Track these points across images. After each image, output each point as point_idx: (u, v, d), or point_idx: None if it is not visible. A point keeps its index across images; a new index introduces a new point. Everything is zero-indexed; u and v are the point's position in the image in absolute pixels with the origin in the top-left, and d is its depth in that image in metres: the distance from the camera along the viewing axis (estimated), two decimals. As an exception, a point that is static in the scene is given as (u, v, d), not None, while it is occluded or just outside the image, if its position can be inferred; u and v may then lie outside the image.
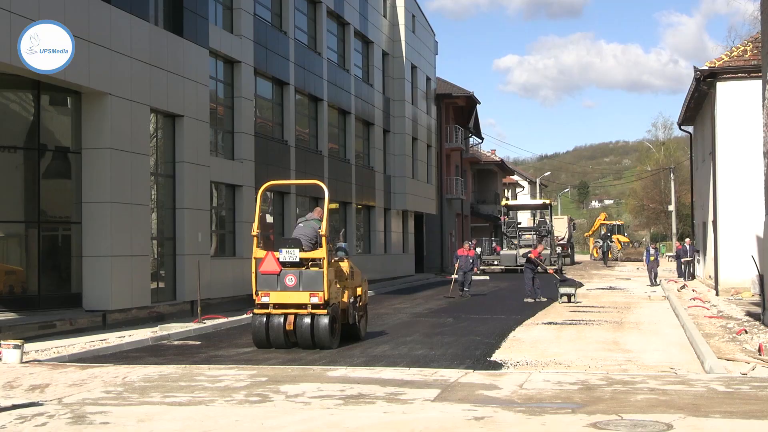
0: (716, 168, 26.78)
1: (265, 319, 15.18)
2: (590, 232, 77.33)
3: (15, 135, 18.72)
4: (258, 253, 15.63)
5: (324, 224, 15.42)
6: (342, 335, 15.81)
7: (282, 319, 15.06)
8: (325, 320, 14.94)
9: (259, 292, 15.24)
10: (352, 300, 16.23)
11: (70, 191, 19.21)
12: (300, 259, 15.24)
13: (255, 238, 15.79)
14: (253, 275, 15.47)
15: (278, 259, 15.21)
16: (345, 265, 16.20)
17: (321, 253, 15.22)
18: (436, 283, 39.70)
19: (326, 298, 14.93)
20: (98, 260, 18.73)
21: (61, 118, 19.67)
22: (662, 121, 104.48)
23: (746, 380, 11.12)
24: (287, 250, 15.24)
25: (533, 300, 26.33)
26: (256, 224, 16.05)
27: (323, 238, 15.24)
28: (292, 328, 15.01)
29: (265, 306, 15.20)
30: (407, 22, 44.29)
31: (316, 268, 15.18)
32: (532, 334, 17.70)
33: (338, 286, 15.66)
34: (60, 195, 19.51)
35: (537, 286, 26.89)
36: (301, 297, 14.98)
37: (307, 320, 14.94)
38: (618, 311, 23.11)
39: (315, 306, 14.94)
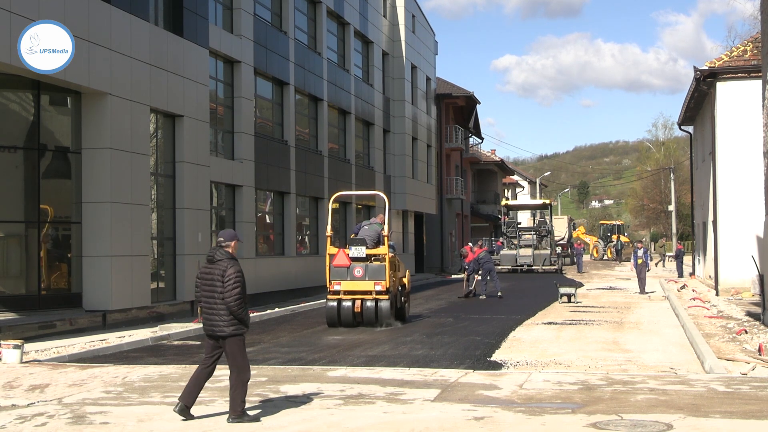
0: (716, 168, 26.77)
1: (336, 303, 18.51)
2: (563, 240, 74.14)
3: (15, 135, 18.72)
4: (331, 249, 18.94)
5: (386, 227, 18.91)
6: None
7: (351, 303, 18.40)
8: (387, 304, 18.39)
9: (332, 282, 18.53)
10: (400, 288, 19.50)
11: (70, 191, 19.21)
12: (366, 254, 18.50)
13: (329, 238, 19.32)
14: (327, 268, 18.76)
15: (348, 254, 18.50)
16: (395, 260, 19.16)
17: (383, 250, 18.67)
18: (436, 283, 39.67)
19: (387, 286, 18.33)
20: (98, 260, 18.73)
21: (61, 118, 19.67)
22: (662, 121, 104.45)
23: (746, 380, 11.12)
24: (356, 247, 18.64)
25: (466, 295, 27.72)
26: (329, 226, 19.71)
27: (385, 238, 18.68)
28: (359, 310, 18.34)
29: (336, 293, 18.51)
30: (407, 22, 44.28)
31: (378, 262, 18.52)
32: (532, 334, 17.69)
33: (393, 276, 18.72)
34: (60, 195, 19.50)
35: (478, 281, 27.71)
36: (367, 285, 18.37)
37: (371, 304, 18.36)
38: (618, 311, 23.09)
39: (378, 293, 18.33)
